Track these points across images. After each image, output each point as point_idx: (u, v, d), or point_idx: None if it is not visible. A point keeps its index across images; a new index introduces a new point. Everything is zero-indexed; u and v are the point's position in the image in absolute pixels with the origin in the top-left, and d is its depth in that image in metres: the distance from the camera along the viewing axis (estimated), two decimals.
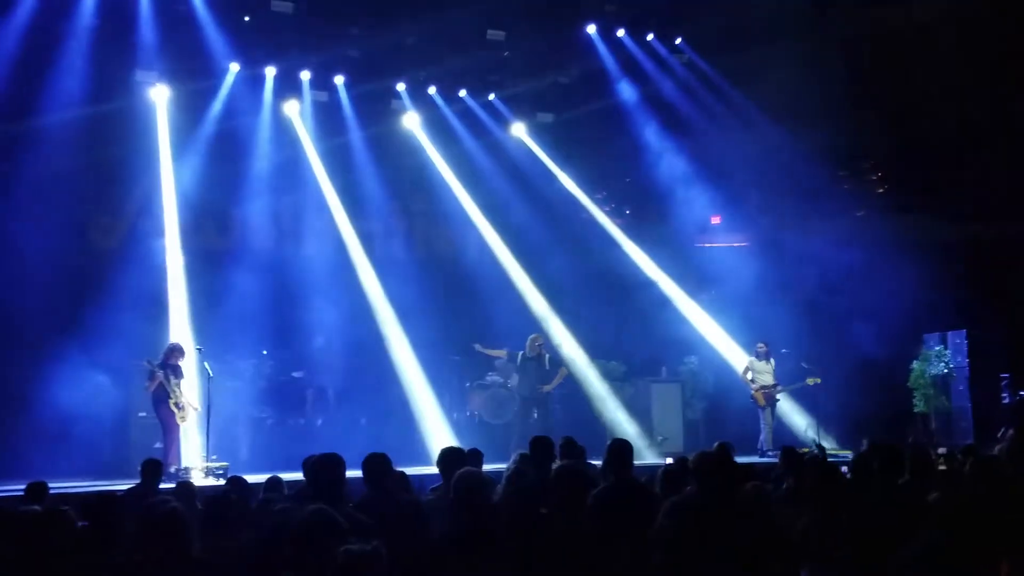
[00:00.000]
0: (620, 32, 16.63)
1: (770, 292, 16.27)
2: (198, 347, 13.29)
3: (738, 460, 8.21)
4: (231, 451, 13.22)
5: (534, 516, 5.18)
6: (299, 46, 15.12)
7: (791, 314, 15.94)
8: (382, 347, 15.59)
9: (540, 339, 14.68)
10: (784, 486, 7.06)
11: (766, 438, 14.78)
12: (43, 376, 12.78)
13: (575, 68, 16.60)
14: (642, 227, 18.18)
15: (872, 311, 15.42)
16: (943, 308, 15.57)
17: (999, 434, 12.10)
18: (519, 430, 14.29)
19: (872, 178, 17.98)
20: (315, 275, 15.65)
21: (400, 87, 16.56)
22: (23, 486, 7.77)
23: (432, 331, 15.68)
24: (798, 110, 15.57)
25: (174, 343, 12.78)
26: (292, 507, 6.07)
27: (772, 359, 15.14)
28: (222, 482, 10.37)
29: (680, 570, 4.87)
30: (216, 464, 12.34)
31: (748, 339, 15.83)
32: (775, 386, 14.96)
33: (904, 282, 15.28)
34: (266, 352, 14.92)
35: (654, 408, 16.49)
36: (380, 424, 14.65)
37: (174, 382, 12.38)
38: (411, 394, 15.38)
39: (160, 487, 8.65)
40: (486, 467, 7.13)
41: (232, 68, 15.10)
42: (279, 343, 15.15)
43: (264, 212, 15.59)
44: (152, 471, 8.45)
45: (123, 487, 8.70)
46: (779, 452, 8.67)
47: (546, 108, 17.55)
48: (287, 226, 15.89)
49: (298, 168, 16.04)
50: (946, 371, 15.45)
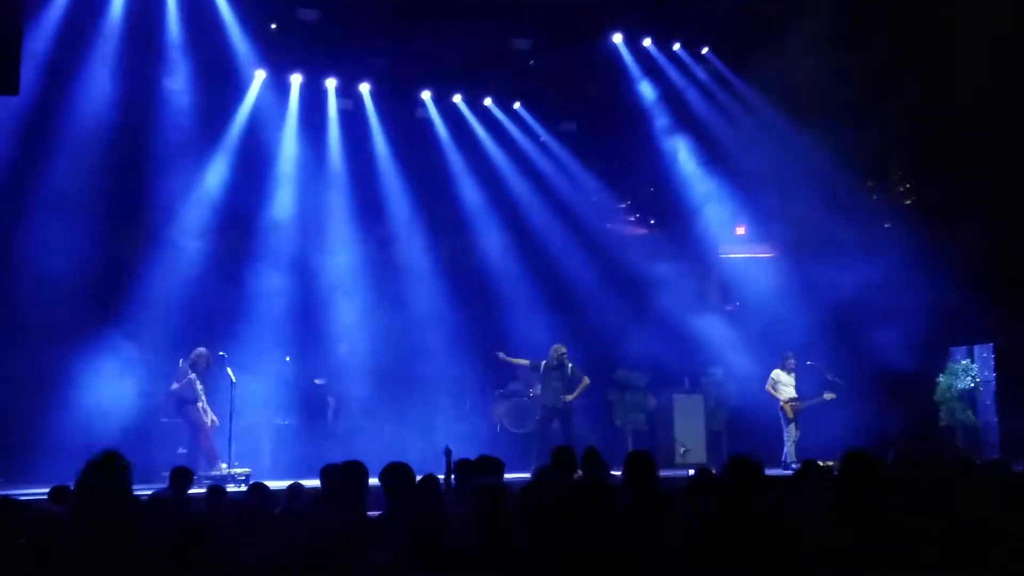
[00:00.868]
0: (646, 41, 16.58)
1: (795, 303, 16.15)
2: (221, 353, 13.33)
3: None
4: (253, 457, 13.26)
5: (554, 529, 5.14)
6: (325, 54, 15.18)
7: (816, 326, 15.81)
8: (404, 354, 15.58)
9: (563, 348, 14.63)
10: (806, 498, 6.99)
11: (790, 451, 14.66)
12: (67, 380, 12.86)
13: (600, 77, 16.56)
14: (666, 237, 18.11)
15: (898, 323, 15.26)
16: (970, 321, 15.39)
17: None
18: (540, 440, 14.26)
19: (900, 188, 17.82)
20: (338, 282, 15.68)
21: (425, 95, 16.60)
22: (47, 490, 7.79)
23: (454, 339, 15.67)
24: (826, 119, 15.46)
25: (203, 349, 12.83)
26: (315, 516, 6.07)
27: (794, 372, 15.04)
28: (244, 488, 10.38)
29: None
30: (239, 470, 12.38)
31: (772, 350, 15.71)
32: (798, 399, 14.86)
33: (931, 294, 15.13)
34: (288, 359, 14.95)
35: (677, 419, 16.44)
36: (402, 432, 14.65)
37: (200, 387, 12.48)
38: (433, 402, 15.37)
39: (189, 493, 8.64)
40: (508, 476, 7.11)
41: (258, 75, 15.19)
42: (301, 350, 15.17)
43: (288, 218, 15.62)
44: (182, 478, 8.42)
45: (147, 492, 8.71)
46: (801, 465, 8.59)
47: (570, 117, 17.54)
48: (310, 233, 15.91)
49: (323, 175, 16.09)
50: (972, 385, 15.29)
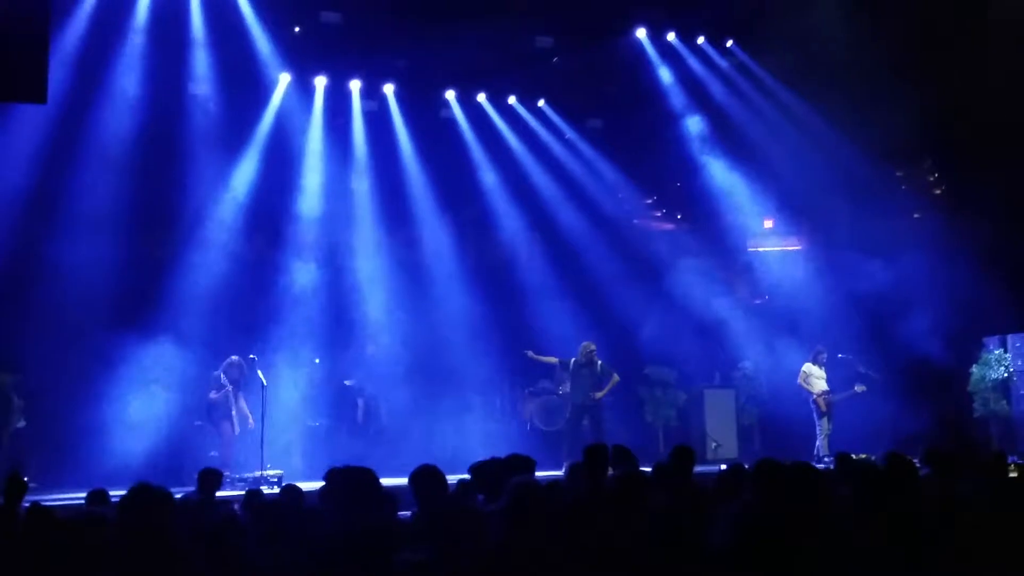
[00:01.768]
0: (670, 36, 16.50)
1: (824, 296, 16.05)
2: (252, 355, 13.42)
3: None
4: (284, 459, 13.34)
5: (588, 526, 5.13)
6: (348, 56, 15.23)
7: (846, 318, 15.70)
8: (433, 354, 15.61)
9: (592, 346, 14.61)
10: (840, 493, 6.95)
11: (822, 444, 14.58)
12: (100, 385, 12.99)
13: (624, 73, 16.50)
14: (694, 232, 18.04)
15: (930, 314, 15.12)
16: (1003, 310, 15.23)
17: None
18: (570, 437, 14.26)
19: (930, 178, 17.64)
20: (365, 283, 15.73)
21: (449, 95, 16.61)
22: (84, 494, 7.86)
23: (482, 338, 15.68)
24: (853, 110, 15.33)
25: (235, 358, 12.94)
26: (347, 517, 6.08)
27: (825, 365, 14.96)
28: (276, 490, 10.43)
29: None
30: (271, 472, 12.46)
31: (802, 344, 15.61)
32: (829, 392, 14.78)
33: (963, 284, 14.98)
34: (318, 360, 15.01)
35: (708, 414, 16.38)
36: (432, 432, 14.69)
37: (234, 397, 12.66)
38: (462, 401, 15.39)
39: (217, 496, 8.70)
40: (539, 474, 7.10)
41: (283, 78, 15.26)
42: (331, 351, 15.23)
43: (315, 220, 15.68)
44: (211, 480, 8.48)
45: (178, 494, 8.79)
46: (835, 458, 8.57)
47: (595, 114, 17.50)
48: (338, 235, 15.97)
49: (348, 177, 16.14)
50: (1006, 375, 15.13)
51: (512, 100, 17.10)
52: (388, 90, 16.25)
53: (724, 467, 9.56)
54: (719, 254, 17.64)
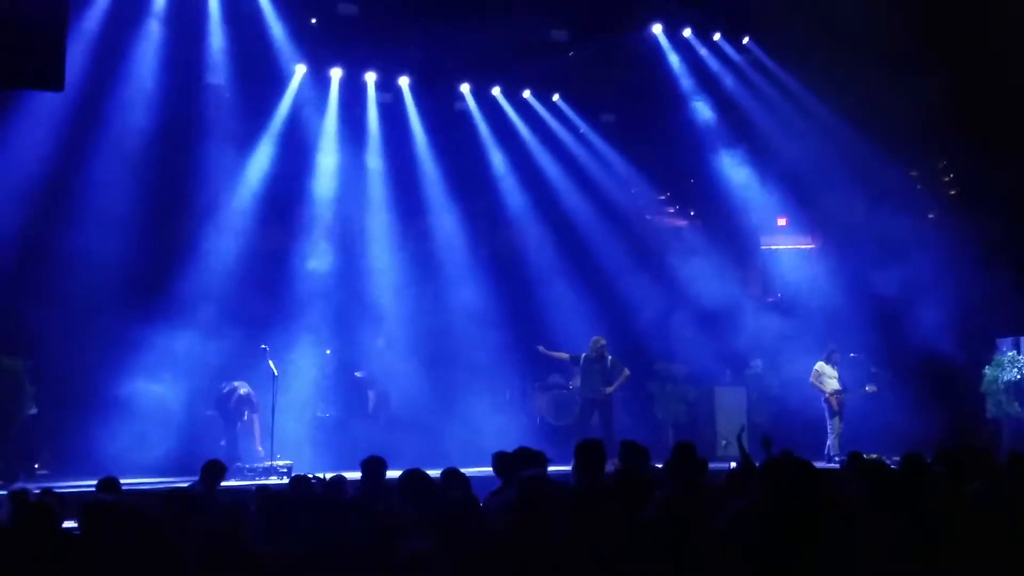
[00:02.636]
0: (686, 32, 16.45)
1: (837, 294, 15.99)
2: (263, 346, 13.45)
3: None
4: (295, 450, 13.38)
5: (593, 521, 5.13)
6: (364, 48, 15.23)
7: (859, 317, 15.65)
8: (444, 347, 15.63)
9: (602, 340, 14.60)
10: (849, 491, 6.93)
11: (833, 443, 14.55)
12: (113, 371, 13.04)
13: (639, 68, 16.45)
14: (706, 228, 18.00)
15: (943, 315, 15.06)
16: (1016, 312, 15.15)
17: None
18: (580, 432, 14.24)
19: (944, 178, 17.55)
20: (377, 275, 15.75)
21: (464, 88, 16.61)
22: (94, 482, 7.89)
23: (494, 332, 15.69)
24: (868, 108, 15.26)
25: (243, 392, 13.03)
26: (355, 506, 6.11)
27: (838, 364, 14.92)
28: (286, 480, 10.46)
29: None
30: (281, 463, 12.51)
31: (814, 342, 15.56)
32: (841, 391, 14.76)
33: (976, 285, 14.91)
34: (329, 352, 15.04)
35: (718, 412, 16.35)
36: (442, 424, 14.71)
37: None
38: (473, 395, 15.41)
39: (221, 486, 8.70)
40: (549, 469, 7.11)
41: (298, 70, 15.28)
42: (342, 343, 15.25)
43: (329, 212, 15.70)
44: (214, 472, 8.47)
45: (183, 485, 8.83)
46: (846, 458, 8.55)
47: (610, 108, 17.47)
48: (351, 226, 15.98)
49: (362, 169, 16.15)
50: (1019, 377, 15.04)
51: (527, 94, 17.08)
52: (403, 82, 16.25)
53: (734, 465, 9.56)
54: (732, 251, 17.59)
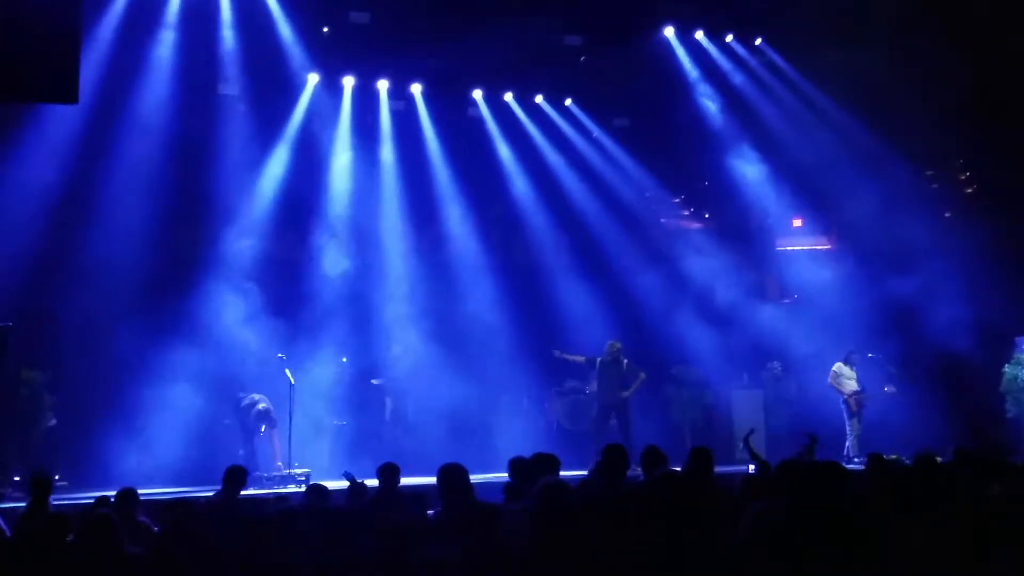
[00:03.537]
0: (698, 34, 16.41)
1: (854, 295, 15.91)
2: (280, 355, 13.48)
3: None
4: (312, 458, 13.39)
5: (611, 527, 5.11)
6: (376, 56, 15.26)
7: (876, 318, 15.57)
8: (460, 353, 15.62)
9: (618, 344, 14.58)
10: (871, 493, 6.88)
11: (852, 444, 14.49)
12: (131, 382, 13.09)
13: (652, 71, 16.42)
14: (722, 231, 17.94)
15: (962, 314, 14.97)
16: None
17: None
18: (597, 437, 14.22)
19: (961, 177, 17.45)
20: (393, 282, 15.77)
21: (476, 94, 16.62)
22: (113, 492, 7.90)
23: (509, 337, 15.68)
24: (883, 108, 15.19)
25: (266, 409, 13.02)
26: (374, 513, 6.10)
27: (856, 365, 14.86)
28: (303, 488, 10.47)
29: None
30: (298, 470, 12.53)
31: (832, 344, 15.49)
32: (860, 392, 14.69)
33: (994, 284, 14.81)
34: (346, 360, 15.05)
35: (735, 415, 16.28)
36: (459, 431, 14.69)
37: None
38: (489, 400, 15.40)
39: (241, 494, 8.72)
40: (565, 474, 7.08)
41: (311, 78, 15.32)
42: (358, 350, 15.26)
43: (343, 219, 15.72)
44: (235, 479, 8.48)
45: (207, 493, 8.85)
46: (865, 459, 8.49)
47: (623, 112, 17.45)
48: (365, 234, 16.00)
49: (376, 176, 16.18)
50: None
51: (539, 99, 17.08)
52: (416, 90, 16.28)
53: (752, 468, 9.52)
54: (747, 253, 17.54)
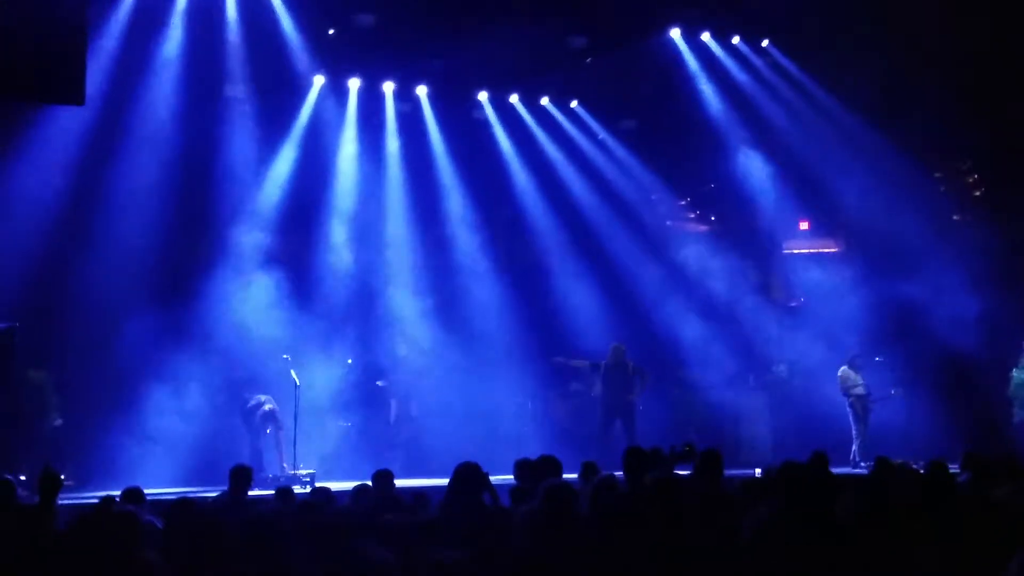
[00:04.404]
0: (705, 35, 16.38)
1: (861, 299, 15.87)
2: (285, 355, 13.49)
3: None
4: (317, 459, 13.39)
5: (623, 528, 5.09)
6: (382, 58, 15.25)
7: (883, 321, 15.54)
8: (465, 355, 15.61)
9: (622, 347, 14.56)
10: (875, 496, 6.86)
11: (859, 448, 14.44)
12: (137, 382, 13.09)
13: (658, 73, 16.39)
14: (728, 233, 17.92)
15: (969, 317, 14.93)
16: None
17: None
18: (602, 440, 14.21)
19: (969, 180, 17.42)
20: (398, 284, 15.76)
21: (482, 96, 16.61)
22: (119, 492, 7.90)
23: (514, 339, 15.68)
24: (890, 110, 15.17)
25: (267, 408, 13.06)
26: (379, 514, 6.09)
27: (862, 368, 14.83)
28: (308, 489, 10.47)
29: None
30: (303, 471, 12.53)
31: (838, 347, 15.46)
32: (868, 396, 14.66)
33: (1003, 287, 14.78)
34: (351, 361, 15.05)
35: (742, 418, 16.25)
36: (463, 433, 14.67)
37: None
38: (494, 403, 15.39)
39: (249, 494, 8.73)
40: (568, 477, 7.08)
41: (317, 80, 15.32)
42: (363, 352, 15.26)
43: (348, 221, 15.72)
44: (242, 478, 8.48)
45: (213, 494, 8.85)
46: (873, 463, 8.48)
47: (629, 114, 17.43)
48: (371, 235, 16.00)
49: (381, 178, 16.18)
50: None
51: (545, 101, 17.07)
52: (421, 92, 16.27)
53: (759, 471, 9.50)
54: (754, 255, 17.51)
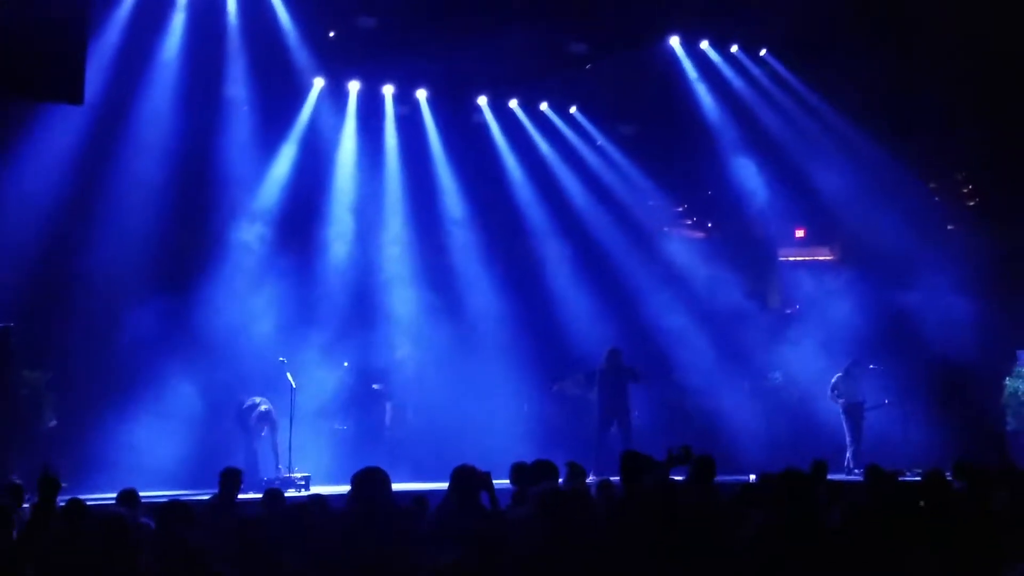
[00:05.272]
0: (704, 44, 16.43)
1: (856, 307, 15.91)
2: (281, 359, 13.50)
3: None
4: (312, 462, 13.39)
5: (619, 531, 5.12)
6: (382, 61, 15.28)
7: (877, 329, 15.57)
8: (462, 359, 15.62)
9: (619, 352, 14.60)
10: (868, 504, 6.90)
11: (852, 455, 14.47)
12: (132, 385, 13.09)
13: (657, 80, 16.44)
14: (724, 240, 17.96)
15: (963, 326, 14.97)
16: None
17: None
18: (598, 444, 14.24)
19: (964, 189, 17.48)
20: (396, 287, 15.78)
21: (481, 100, 16.65)
22: (114, 494, 7.91)
23: (511, 343, 15.70)
24: (886, 119, 15.22)
25: (262, 408, 13.08)
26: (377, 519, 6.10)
27: (856, 377, 14.86)
28: (303, 492, 10.49)
29: None
30: (298, 474, 12.53)
31: (833, 354, 15.49)
32: (860, 404, 14.70)
33: (996, 297, 14.82)
34: (347, 364, 15.05)
35: (736, 424, 16.24)
36: (459, 436, 14.67)
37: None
38: (490, 405, 15.40)
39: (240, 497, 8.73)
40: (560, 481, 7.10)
41: (317, 83, 15.34)
42: (359, 356, 15.27)
43: (347, 224, 15.74)
44: (231, 481, 8.49)
45: (204, 497, 8.87)
46: (865, 470, 8.52)
47: (627, 120, 17.47)
48: (369, 238, 16.02)
49: (380, 181, 16.20)
50: None
51: (544, 106, 17.11)
52: (421, 95, 16.31)
53: (753, 477, 9.53)
54: (750, 263, 17.55)
